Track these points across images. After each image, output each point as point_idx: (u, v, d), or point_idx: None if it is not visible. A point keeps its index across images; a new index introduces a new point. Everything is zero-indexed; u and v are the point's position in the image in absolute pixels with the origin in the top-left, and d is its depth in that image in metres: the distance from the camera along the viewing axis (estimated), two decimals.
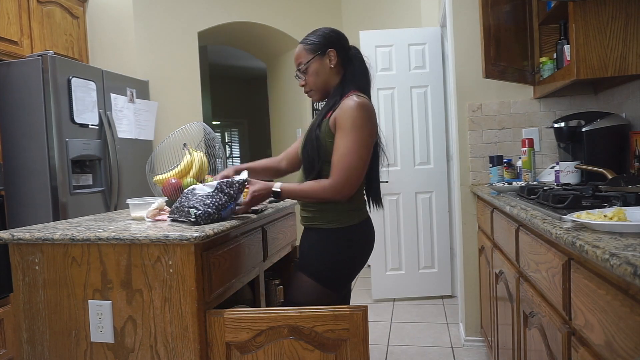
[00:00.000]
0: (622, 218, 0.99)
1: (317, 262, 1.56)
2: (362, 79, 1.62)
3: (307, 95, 1.68)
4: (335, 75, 1.61)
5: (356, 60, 1.63)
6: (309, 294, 1.55)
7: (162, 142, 1.82)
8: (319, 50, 1.59)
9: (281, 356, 1.30)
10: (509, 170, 2.55)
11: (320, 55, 1.59)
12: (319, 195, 1.51)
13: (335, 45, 1.60)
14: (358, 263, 1.63)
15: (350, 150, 1.47)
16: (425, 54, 3.55)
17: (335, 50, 1.59)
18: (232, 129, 9.22)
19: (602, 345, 0.87)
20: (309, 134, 1.59)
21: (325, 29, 1.64)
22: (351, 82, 1.59)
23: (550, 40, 2.43)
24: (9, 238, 1.37)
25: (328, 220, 1.56)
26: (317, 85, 1.62)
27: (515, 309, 1.64)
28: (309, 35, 1.63)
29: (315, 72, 1.60)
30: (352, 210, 1.58)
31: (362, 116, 1.48)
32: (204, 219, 1.38)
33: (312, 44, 1.60)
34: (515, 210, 1.49)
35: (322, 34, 1.61)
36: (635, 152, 1.89)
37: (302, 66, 1.61)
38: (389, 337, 2.91)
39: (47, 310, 1.36)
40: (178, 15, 3.82)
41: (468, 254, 2.72)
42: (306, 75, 1.62)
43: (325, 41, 1.60)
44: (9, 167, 2.65)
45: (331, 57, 1.59)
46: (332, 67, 1.59)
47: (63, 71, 2.65)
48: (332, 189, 1.48)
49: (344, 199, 1.51)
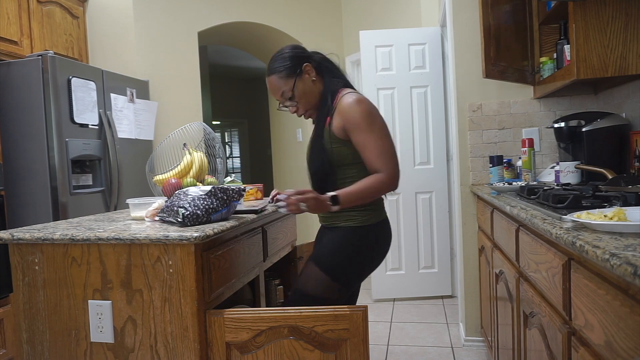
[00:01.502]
0: (622, 218, 0.99)
1: (332, 257, 1.57)
2: (342, 77, 1.64)
3: (304, 117, 1.65)
4: (319, 85, 1.61)
5: (326, 62, 1.64)
6: (318, 286, 1.55)
7: (162, 142, 1.82)
8: (296, 70, 1.57)
9: (281, 356, 1.30)
10: (509, 170, 2.55)
11: (299, 75, 1.57)
12: (380, 190, 1.52)
13: (305, 58, 1.59)
14: (373, 263, 1.64)
15: (381, 140, 1.50)
16: (425, 54, 3.55)
17: (309, 64, 1.59)
18: (232, 129, 9.22)
19: (602, 345, 0.86)
20: (313, 147, 1.59)
21: (286, 49, 1.62)
22: (335, 81, 1.61)
23: (550, 40, 2.43)
24: (9, 238, 1.37)
25: (349, 218, 1.57)
26: (311, 104, 1.61)
27: (515, 309, 1.64)
28: (276, 63, 1.59)
29: (303, 92, 1.58)
30: (372, 209, 1.59)
31: (368, 108, 1.51)
32: (191, 220, 1.38)
33: (286, 69, 1.57)
34: (515, 210, 1.49)
35: (288, 56, 1.58)
36: (635, 152, 1.89)
37: (289, 93, 1.57)
38: (389, 337, 2.91)
39: (47, 310, 1.36)
40: (178, 15, 3.82)
41: (468, 254, 2.72)
42: (296, 100, 1.59)
43: (296, 60, 1.58)
44: (9, 167, 2.65)
45: (308, 70, 1.58)
46: (314, 79, 1.59)
47: (63, 71, 2.65)
48: (390, 180, 1.50)
49: (397, 188, 1.55)
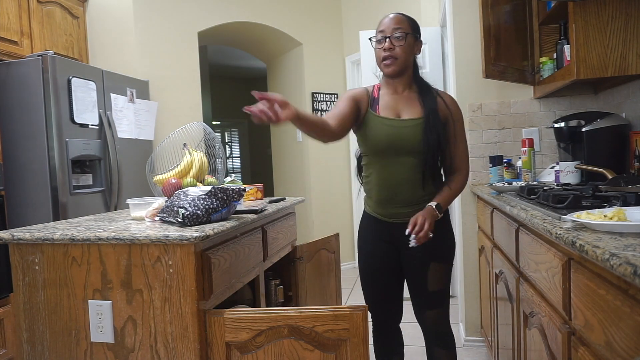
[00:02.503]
0: (622, 218, 0.99)
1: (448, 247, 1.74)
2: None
3: (386, 63, 1.62)
4: (411, 65, 1.67)
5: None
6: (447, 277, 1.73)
7: (162, 142, 1.82)
8: (417, 34, 1.67)
9: (281, 356, 1.30)
10: (509, 170, 2.55)
11: (417, 39, 1.67)
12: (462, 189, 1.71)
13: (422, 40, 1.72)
14: None
15: (466, 144, 1.72)
16: (425, 54, 3.55)
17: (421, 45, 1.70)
18: (232, 129, 9.22)
19: (602, 345, 0.87)
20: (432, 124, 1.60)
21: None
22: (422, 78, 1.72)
23: (550, 40, 2.43)
24: (9, 238, 1.37)
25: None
26: (403, 58, 1.62)
27: (515, 309, 1.64)
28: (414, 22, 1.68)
29: (410, 46, 1.63)
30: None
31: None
32: (191, 220, 1.38)
33: (415, 24, 1.67)
34: (515, 210, 1.49)
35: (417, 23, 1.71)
36: (635, 152, 1.89)
37: (402, 33, 1.60)
38: None
39: (47, 310, 1.36)
40: (178, 15, 3.82)
41: (468, 254, 2.72)
42: (399, 42, 1.60)
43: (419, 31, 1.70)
44: (9, 167, 2.65)
45: (419, 47, 1.68)
46: (417, 55, 1.68)
47: (63, 71, 2.65)
48: (466, 180, 1.71)
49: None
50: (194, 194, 1.43)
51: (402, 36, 1.59)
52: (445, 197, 1.63)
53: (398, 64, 1.61)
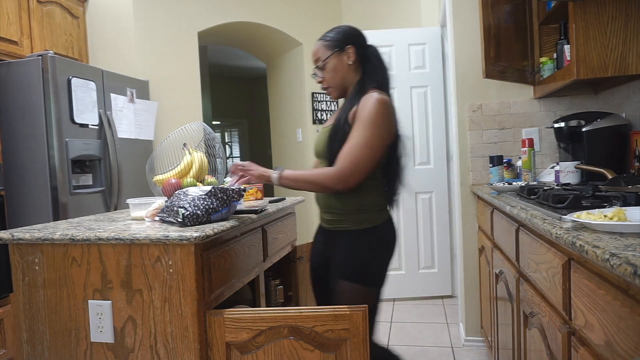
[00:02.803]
0: (622, 218, 0.99)
1: (359, 266, 1.55)
2: (381, 76, 1.61)
3: (326, 92, 1.67)
4: (353, 73, 1.61)
5: (375, 58, 1.62)
6: (358, 299, 1.49)
7: (162, 142, 1.82)
8: (338, 47, 1.59)
9: (281, 356, 1.30)
10: (509, 170, 2.55)
11: (338, 51, 1.59)
12: (322, 182, 1.49)
13: (354, 42, 1.60)
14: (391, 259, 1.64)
15: (363, 142, 1.47)
16: (425, 54, 3.55)
17: (354, 47, 1.59)
18: (232, 129, 9.22)
19: (602, 345, 0.86)
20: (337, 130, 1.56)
21: (345, 26, 1.65)
22: (370, 80, 1.58)
23: (550, 40, 2.43)
24: (9, 238, 1.37)
25: (358, 221, 1.56)
26: (336, 82, 1.61)
27: (515, 309, 1.64)
28: (328, 32, 1.63)
29: (334, 68, 1.59)
30: (377, 209, 1.58)
31: (381, 112, 1.49)
32: (191, 220, 1.38)
33: (331, 40, 1.60)
34: (515, 210, 1.49)
35: (340, 31, 1.62)
36: (635, 152, 1.89)
37: (321, 63, 1.60)
38: (389, 337, 2.91)
39: (47, 310, 1.36)
40: (178, 15, 3.82)
41: (468, 254, 2.72)
42: (324, 71, 1.61)
43: (344, 37, 1.60)
44: (9, 167, 2.65)
45: (349, 53, 1.59)
46: (351, 64, 1.59)
47: (63, 71, 2.65)
48: (337, 177, 1.47)
49: (345, 189, 1.50)
50: (194, 194, 1.43)
51: (322, 65, 1.60)
52: (296, 173, 1.54)
53: (334, 90, 1.63)
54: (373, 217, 1.56)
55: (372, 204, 1.56)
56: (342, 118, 1.56)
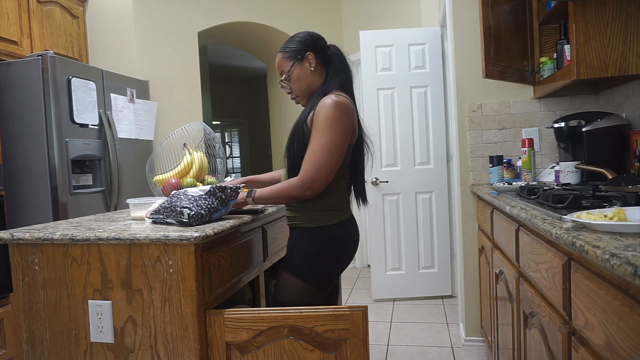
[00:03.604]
0: (622, 218, 0.99)
1: (300, 261, 1.58)
2: (343, 77, 1.64)
3: (295, 102, 1.70)
4: (318, 77, 1.63)
5: (336, 59, 1.65)
6: (293, 292, 1.56)
7: (162, 142, 1.82)
8: (298, 56, 1.62)
9: (281, 356, 1.30)
10: (509, 170, 2.55)
11: (299, 60, 1.62)
12: (290, 193, 1.53)
13: (313, 48, 1.63)
14: (340, 262, 1.64)
15: (323, 147, 1.48)
16: (425, 54, 3.55)
17: (314, 53, 1.62)
18: (232, 129, 9.22)
19: (602, 345, 0.86)
20: (295, 133, 1.60)
21: (301, 33, 1.66)
22: (333, 81, 1.61)
23: (550, 40, 2.43)
24: (9, 238, 1.37)
25: (310, 219, 1.58)
26: (302, 91, 1.64)
27: (515, 309, 1.64)
28: (286, 43, 1.66)
29: (298, 77, 1.63)
30: (332, 209, 1.59)
31: (336, 115, 1.49)
32: (196, 220, 1.38)
33: (290, 51, 1.63)
34: (515, 210, 1.49)
35: (298, 40, 1.64)
36: (635, 152, 1.89)
37: (285, 74, 1.64)
38: (389, 337, 2.91)
39: (47, 310, 1.36)
40: (178, 15, 3.82)
41: (468, 254, 2.72)
42: (290, 82, 1.64)
43: (303, 46, 1.62)
44: (9, 167, 2.65)
45: (310, 60, 1.61)
46: (313, 69, 1.62)
47: (63, 71, 2.65)
48: (301, 185, 1.50)
49: (313, 195, 1.52)
50: (194, 194, 1.44)
51: (285, 77, 1.64)
52: (266, 190, 1.56)
53: (302, 98, 1.66)
54: (325, 217, 1.57)
55: (327, 204, 1.58)
56: (300, 121, 1.60)
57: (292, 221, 1.64)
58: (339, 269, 1.65)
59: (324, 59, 1.64)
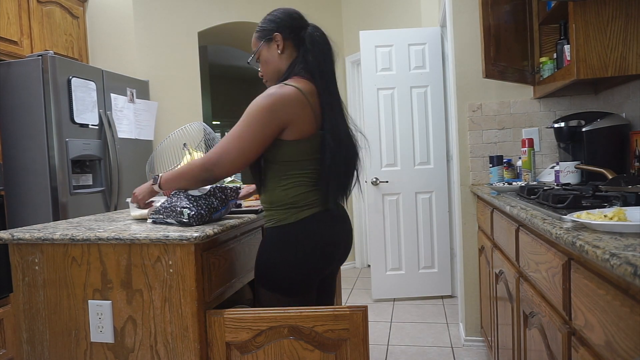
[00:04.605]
0: (622, 218, 0.99)
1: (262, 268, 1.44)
2: (312, 61, 1.43)
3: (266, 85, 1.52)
4: (285, 61, 1.47)
5: (309, 40, 1.45)
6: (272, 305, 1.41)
7: (162, 142, 1.82)
8: (266, 36, 1.47)
9: (281, 356, 1.30)
10: (509, 170, 2.55)
11: (266, 41, 1.47)
12: (191, 173, 1.38)
13: (282, 27, 1.46)
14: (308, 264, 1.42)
15: (235, 135, 1.35)
16: (425, 54, 3.56)
17: (281, 34, 1.45)
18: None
19: (602, 345, 0.86)
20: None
21: (276, 10, 1.50)
22: (298, 66, 1.44)
23: (550, 40, 2.43)
24: (9, 238, 1.37)
25: (270, 218, 1.45)
26: (269, 75, 1.50)
27: (515, 309, 1.64)
28: (261, 21, 1.51)
29: (265, 60, 1.49)
30: (289, 207, 1.41)
31: (263, 105, 1.34)
32: (196, 220, 1.38)
33: (260, 31, 1.49)
34: (515, 210, 1.49)
35: (269, 19, 1.49)
36: (635, 152, 1.89)
37: (255, 55, 1.50)
38: (389, 337, 2.91)
39: (47, 310, 1.36)
40: (178, 15, 3.82)
41: (468, 254, 2.72)
42: (260, 64, 1.51)
43: (271, 25, 1.47)
44: (9, 167, 2.65)
45: (278, 41, 1.45)
46: (280, 52, 1.46)
47: (63, 71, 2.65)
48: (201, 165, 1.37)
49: (212, 178, 1.38)
50: (194, 194, 1.44)
51: (254, 57, 1.51)
52: (170, 173, 1.44)
53: (267, 78, 1.52)
54: (281, 215, 1.41)
55: (283, 201, 1.41)
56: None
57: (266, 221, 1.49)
58: (310, 272, 1.44)
59: (295, 40, 1.46)
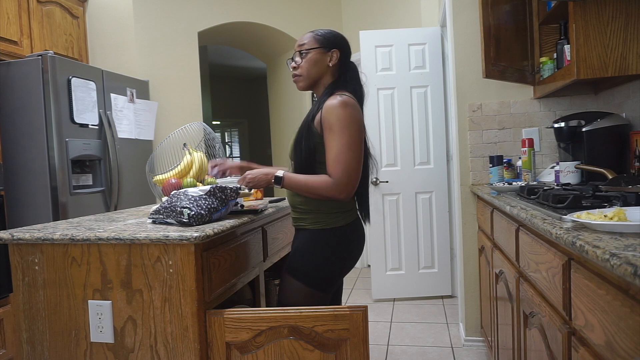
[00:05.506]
0: (622, 218, 0.99)
1: (302, 264, 1.56)
2: (353, 88, 1.62)
3: (294, 80, 1.67)
4: (329, 75, 1.63)
5: (353, 72, 1.66)
6: (296, 295, 1.55)
7: (162, 142, 1.82)
8: (325, 46, 1.61)
9: (281, 356, 1.30)
10: (509, 170, 2.55)
11: (324, 49, 1.61)
12: (321, 191, 1.50)
13: (341, 48, 1.64)
14: (345, 265, 1.62)
15: (346, 148, 1.47)
16: (425, 54, 3.55)
17: (339, 53, 1.62)
18: (232, 129, 9.22)
19: (602, 345, 0.86)
20: (302, 132, 1.58)
21: (337, 32, 1.68)
22: (343, 86, 1.60)
23: (550, 40, 2.43)
24: (9, 238, 1.37)
25: (315, 221, 1.56)
26: (309, 74, 1.62)
27: (515, 309, 1.64)
28: (322, 30, 1.66)
29: (314, 61, 1.61)
30: (339, 212, 1.57)
31: (348, 114, 1.49)
32: (196, 220, 1.38)
33: (322, 37, 1.62)
34: (515, 210, 1.49)
35: (332, 33, 1.65)
36: (635, 152, 1.89)
37: (304, 49, 1.61)
38: (389, 337, 2.91)
39: (47, 310, 1.36)
40: (178, 15, 3.82)
41: (468, 254, 2.72)
42: (303, 59, 1.62)
43: (335, 40, 1.63)
44: (9, 167, 2.65)
45: (333, 56, 1.61)
46: (330, 65, 1.61)
47: (63, 71, 2.65)
48: (335, 187, 1.48)
49: (347, 198, 1.51)
50: (194, 194, 1.44)
51: (304, 53, 1.61)
52: (296, 177, 1.53)
53: (302, 80, 1.64)
54: (331, 219, 1.56)
55: (333, 205, 1.56)
56: (307, 120, 1.58)
57: (297, 222, 1.63)
58: (342, 271, 1.63)
59: (343, 64, 1.64)
